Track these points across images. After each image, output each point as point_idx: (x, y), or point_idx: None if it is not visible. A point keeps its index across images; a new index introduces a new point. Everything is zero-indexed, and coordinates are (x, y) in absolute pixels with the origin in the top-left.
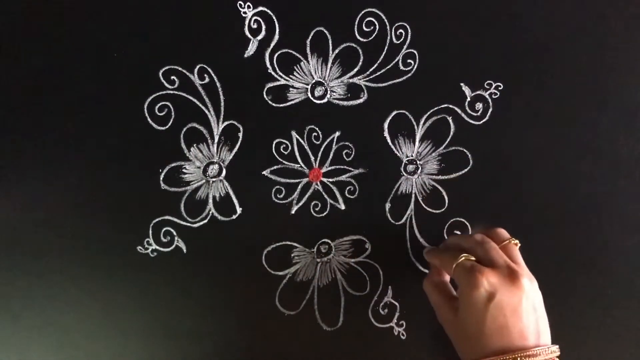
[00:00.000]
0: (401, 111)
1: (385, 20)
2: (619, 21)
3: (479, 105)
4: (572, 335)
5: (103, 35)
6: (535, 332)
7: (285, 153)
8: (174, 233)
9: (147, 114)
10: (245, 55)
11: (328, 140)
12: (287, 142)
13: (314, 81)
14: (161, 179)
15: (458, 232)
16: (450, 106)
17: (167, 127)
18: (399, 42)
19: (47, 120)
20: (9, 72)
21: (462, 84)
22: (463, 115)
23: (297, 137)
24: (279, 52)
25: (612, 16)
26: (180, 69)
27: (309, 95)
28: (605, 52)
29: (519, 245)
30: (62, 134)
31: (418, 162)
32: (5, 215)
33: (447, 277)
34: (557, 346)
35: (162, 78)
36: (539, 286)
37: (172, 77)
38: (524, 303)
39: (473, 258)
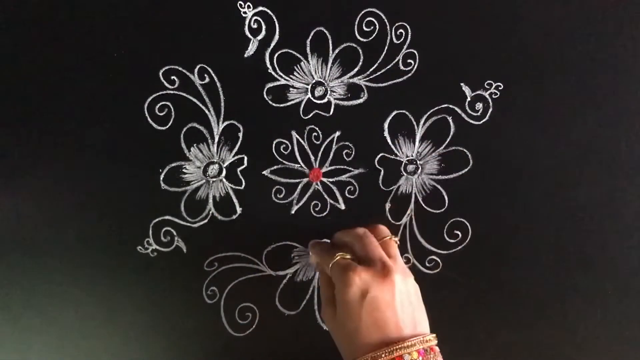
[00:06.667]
0: (401, 111)
1: (385, 20)
2: (619, 21)
3: (479, 105)
4: (572, 335)
5: (103, 35)
6: (412, 324)
7: (285, 153)
8: (174, 233)
9: (147, 114)
10: (245, 55)
11: (328, 140)
12: (287, 142)
13: (314, 81)
14: (161, 179)
15: (458, 232)
16: (450, 106)
17: (167, 127)
18: (399, 42)
19: (47, 120)
20: (9, 72)
21: (462, 84)
22: (463, 115)
23: (297, 137)
24: (279, 52)
25: (612, 16)
26: (180, 69)
27: (309, 95)
28: (605, 52)
29: (398, 242)
30: (62, 134)
31: (418, 162)
32: (6, 215)
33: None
34: (434, 335)
35: (162, 78)
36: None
37: (172, 77)
38: (397, 297)
39: (349, 256)
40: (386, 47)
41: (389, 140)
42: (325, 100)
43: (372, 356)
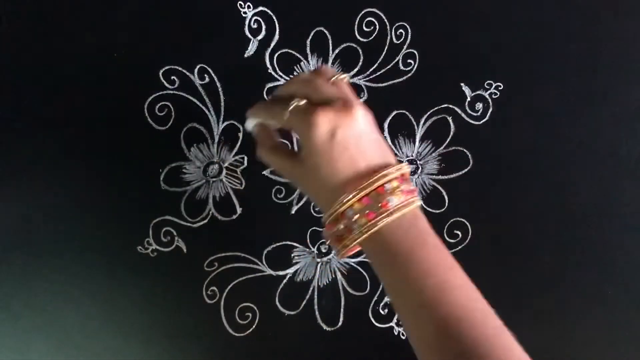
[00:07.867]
0: (401, 111)
1: (385, 20)
2: (619, 21)
3: (479, 105)
4: (572, 334)
5: (103, 35)
6: (381, 155)
7: None
8: (174, 233)
9: (147, 114)
10: (245, 55)
11: None
12: (287, 142)
13: None
14: (161, 179)
15: (458, 232)
16: (450, 106)
17: (167, 127)
18: (399, 42)
19: (47, 120)
20: (9, 72)
21: (462, 84)
22: (463, 115)
23: (298, 137)
24: (279, 52)
25: (612, 16)
26: (180, 69)
27: None
28: (605, 52)
29: (348, 80)
30: (62, 134)
31: (418, 162)
32: (6, 215)
33: (278, 138)
34: (405, 163)
35: (162, 78)
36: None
37: (172, 77)
38: (363, 131)
39: (304, 101)
40: (386, 47)
41: (389, 140)
42: None
43: (354, 192)
